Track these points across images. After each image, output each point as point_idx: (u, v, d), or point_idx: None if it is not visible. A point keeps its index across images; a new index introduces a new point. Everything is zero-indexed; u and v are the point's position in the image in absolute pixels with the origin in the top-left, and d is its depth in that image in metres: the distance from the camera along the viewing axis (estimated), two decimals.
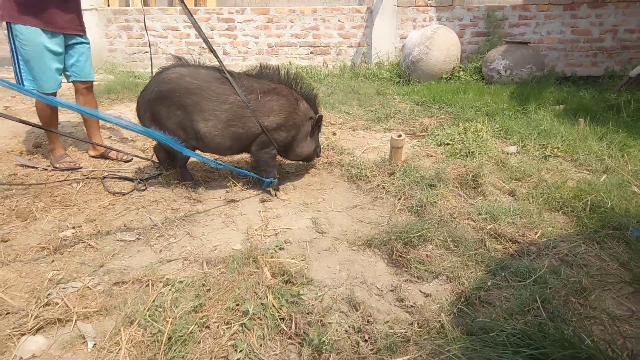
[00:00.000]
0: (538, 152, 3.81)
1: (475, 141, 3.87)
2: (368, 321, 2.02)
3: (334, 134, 4.32)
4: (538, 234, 2.68)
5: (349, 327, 1.96)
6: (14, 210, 2.81)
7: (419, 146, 4.04)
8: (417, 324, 1.98)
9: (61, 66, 3.41)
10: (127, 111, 5.12)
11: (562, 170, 3.45)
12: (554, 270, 2.32)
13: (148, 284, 2.15)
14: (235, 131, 2.95)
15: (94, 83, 3.76)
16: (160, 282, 2.14)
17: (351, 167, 3.48)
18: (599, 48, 6.91)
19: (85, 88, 3.63)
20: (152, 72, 3.37)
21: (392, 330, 1.94)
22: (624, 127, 4.25)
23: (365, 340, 1.91)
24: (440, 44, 6.25)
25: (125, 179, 3.35)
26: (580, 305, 2.11)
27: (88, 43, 3.61)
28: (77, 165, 3.54)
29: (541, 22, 6.83)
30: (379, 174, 3.40)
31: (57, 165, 3.49)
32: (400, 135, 3.42)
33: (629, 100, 4.95)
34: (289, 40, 7.02)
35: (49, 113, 3.45)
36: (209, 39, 6.98)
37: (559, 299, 2.10)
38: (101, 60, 7.11)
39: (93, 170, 3.49)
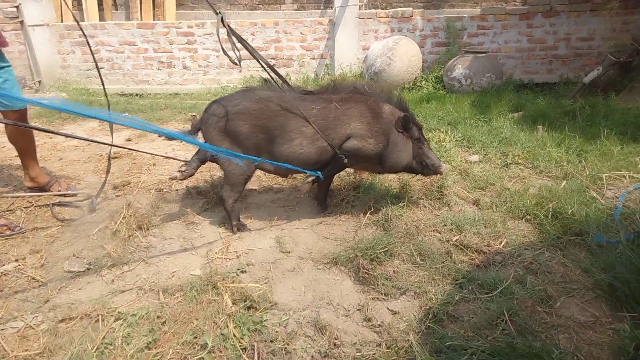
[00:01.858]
0: (500, 160, 3.85)
1: (439, 151, 3.88)
2: (335, 344, 1.94)
3: None
4: (503, 243, 2.67)
5: (315, 352, 1.88)
6: None
7: None
8: (385, 344, 1.91)
9: None
10: (80, 130, 4.89)
11: (524, 178, 3.49)
12: (520, 280, 2.31)
13: (98, 319, 2.00)
14: (321, 145, 2.79)
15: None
16: (111, 316, 1.99)
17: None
18: (553, 56, 7.12)
19: (17, 117, 3.04)
20: (104, 89, 3.19)
21: (359, 353, 1.87)
22: (580, 132, 4.35)
23: None
24: (402, 54, 6.31)
25: (75, 204, 3.16)
26: (547, 314, 2.10)
27: (9, 65, 2.99)
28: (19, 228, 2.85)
29: (498, 32, 7.00)
30: (344, 189, 3.35)
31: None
32: None
33: (584, 106, 5.09)
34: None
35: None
36: (168, 53, 6.84)
37: (525, 309, 2.09)
38: (53, 78, 6.82)
39: (40, 196, 3.26)
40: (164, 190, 3.36)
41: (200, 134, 2.85)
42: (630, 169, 3.59)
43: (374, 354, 1.86)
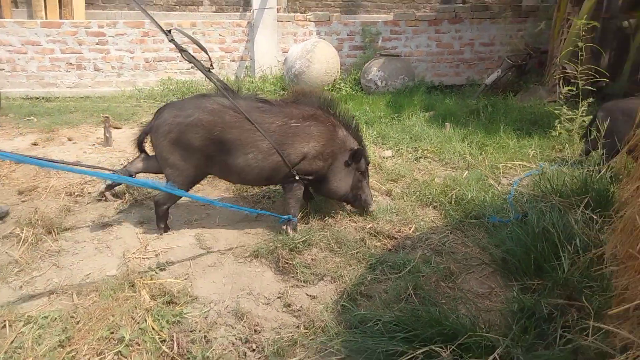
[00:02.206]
0: (411, 154, 4.13)
1: None
2: (255, 330, 2.01)
3: None
4: (412, 229, 2.89)
5: (235, 339, 1.93)
6: None
7: None
8: (304, 326, 2.01)
9: None
10: None
11: (431, 170, 3.78)
12: (426, 260, 2.52)
13: (5, 325, 1.90)
14: (275, 160, 2.70)
15: None
16: (20, 321, 1.90)
17: None
18: (460, 60, 7.70)
19: None
20: None
21: (279, 336, 1.95)
22: (482, 128, 4.78)
23: (253, 350, 1.90)
24: (321, 57, 6.50)
25: None
26: (449, 288, 2.31)
27: None
28: None
29: (410, 37, 7.44)
30: (264, 186, 3.41)
31: None
32: None
33: (486, 105, 5.58)
34: (167, 54, 6.78)
35: None
36: (78, 54, 6.50)
37: (430, 285, 2.29)
38: None
39: None
40: (75, 193, 3.22)
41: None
42: (523, 159, 4.02)
43: (293, 335, 1.95)
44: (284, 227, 2.80)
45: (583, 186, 2.95)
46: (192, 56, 2.76)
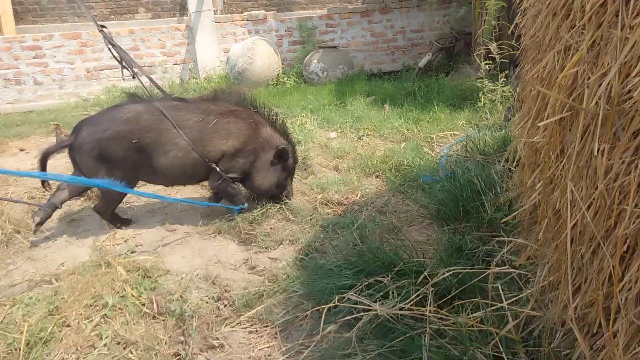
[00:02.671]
0: (354, 134, 4.48)
1: (302, 132, 4.37)
2: (225, 290, 2.26)
3: None
4: (359, 195, 3.22)
5: (208, 298, 2.17)
6: None
7: None
8: (268, 280, 2.29)
9: None
10: None
11: (372, 145, 4.14)
12: (372, 219, 2.85)
13: None
14: (195, 157, 2.78)
15: None
16: (5, 305, 2.07)
17: None
18: (394, 47, 8.16)
19: None
20: None
21: (247, 291, 2.22)
22: (418, 107, 5.20)
23: (225, 305, 2.16)
24: (262, 53, 6.76)
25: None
26: (392, 239, 2.65)
27: None
28: None
29: (345, 29, 7.82)
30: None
31: None
32: None
33: (421, 87, 6.03)
34: (109, 63, 6.78)
35: None
36: (15, 69, 6.41)
37: (375, 236, 2.62)
38: None
39: None
40: (37, 197, 3.33)
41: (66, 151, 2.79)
42: (454, 129, 4.46)
43: (259, 288, 2.22)
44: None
45: (502, 145, 3.40)
46: (123, 50, 2.88)
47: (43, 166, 2.69)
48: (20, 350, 1.72)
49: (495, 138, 3.65)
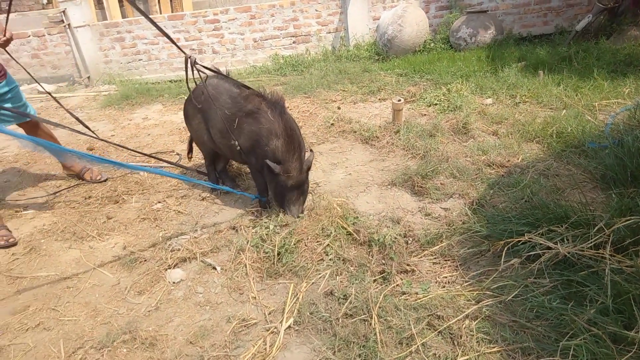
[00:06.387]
0: (510, 101, 4.61)
1: (458, 99, 4.64)
2: (409, 229, 2.76)
3: (339, 108, 5.02)
4: (520, 159, 3.47)
5: (397, 235, 2.69)
6: (103, 198, 3.43)
7: (412, 109, 4.78)
8: (446, 223, 2.74)
9: None
10: (150, 112, 5.65)
11: (531, 112, 4.26)
12: (535, 181, 3.11)
13: (236, 229, 2.84)
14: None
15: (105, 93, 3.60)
16: (247, 227, 2.83)
17: (363, 131, 4.19)
18: (547, 8, 7.75)
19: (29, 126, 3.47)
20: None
21: (428, 231, 2.70)
22: (576, 73, 5.08)
23: (411, 241, 2.67)
24: (411, 20, 6.99)
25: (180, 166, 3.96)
26: (557, 199, 2.90)
27: (16, 85, 3.33)
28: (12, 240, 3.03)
29: None
30: (387, 134, 4.13)
31: None
32: (399, 100, 4.15)
33: (577, 51, 5.79)
34: (272, 33, 7.63)
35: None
36: (199, 41, 7.54)
37: (542, 195, 2.89)
38: (98, 73, 7.57)
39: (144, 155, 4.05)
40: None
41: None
42: (618, 97, 4.35)
43: (439, 230, 2.69)
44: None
45: None
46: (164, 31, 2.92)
47: None
48: (275, 256, 2.44)
49: None
